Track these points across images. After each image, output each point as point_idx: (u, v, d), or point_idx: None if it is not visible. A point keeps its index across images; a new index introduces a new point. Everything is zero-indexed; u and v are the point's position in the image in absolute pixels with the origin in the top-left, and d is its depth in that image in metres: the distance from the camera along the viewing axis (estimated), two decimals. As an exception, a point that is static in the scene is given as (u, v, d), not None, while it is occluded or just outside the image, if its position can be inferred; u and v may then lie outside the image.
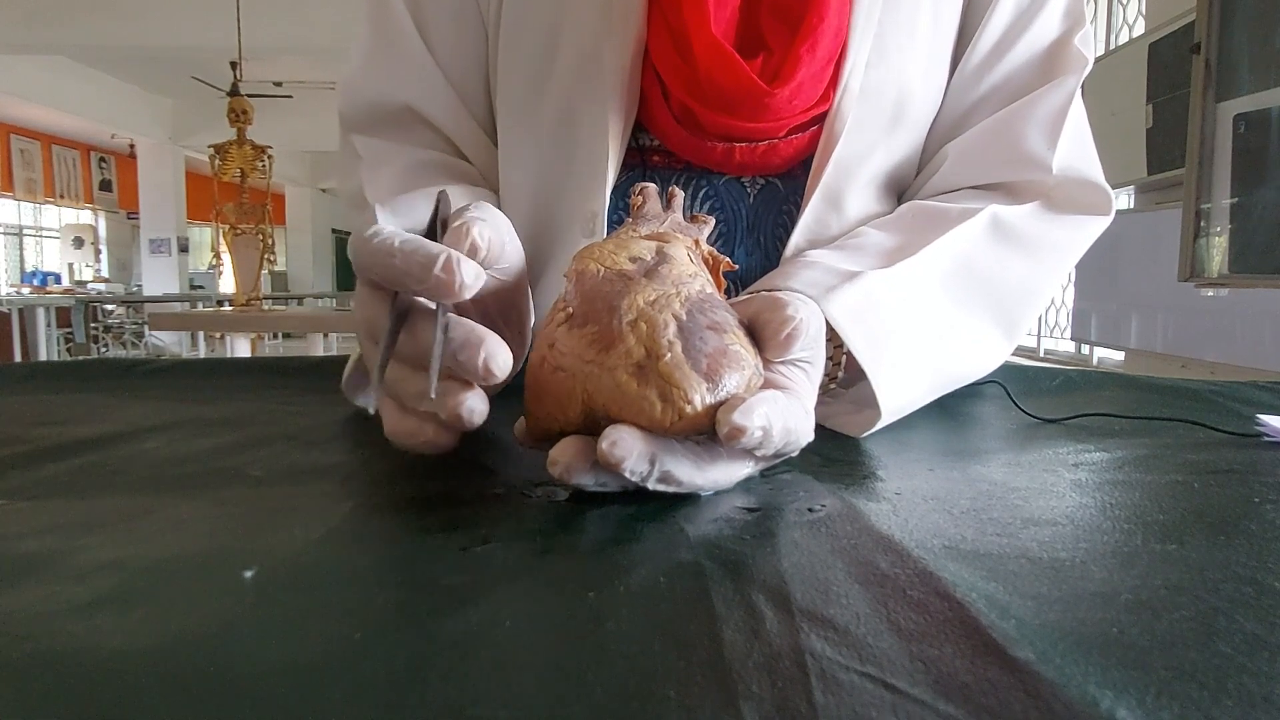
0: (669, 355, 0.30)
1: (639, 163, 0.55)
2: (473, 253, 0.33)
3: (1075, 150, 0.55)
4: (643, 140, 0.55)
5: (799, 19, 0.49)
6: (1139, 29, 3.97)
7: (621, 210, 0.54)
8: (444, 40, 0.58)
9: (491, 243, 0.34)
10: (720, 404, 0.29)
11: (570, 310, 0.33)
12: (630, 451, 0.28)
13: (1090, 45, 0.56)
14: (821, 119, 0.52)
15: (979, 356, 0.51)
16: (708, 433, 0.30)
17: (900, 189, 0.60)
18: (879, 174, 0.56)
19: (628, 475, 0.29)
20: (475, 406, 0.32)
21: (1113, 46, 4.09)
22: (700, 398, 0.29)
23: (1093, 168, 0.56)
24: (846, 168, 0.53)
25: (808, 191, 0.53)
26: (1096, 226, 0.56)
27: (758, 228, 0.56)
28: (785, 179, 0.55)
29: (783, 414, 0.30)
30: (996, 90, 0.57)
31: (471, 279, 0.31)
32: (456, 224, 0.34)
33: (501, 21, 0.56)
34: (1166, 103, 3.37)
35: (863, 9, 0.51)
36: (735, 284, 0.54)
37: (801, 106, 0.50)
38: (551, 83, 0.54)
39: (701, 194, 0.55)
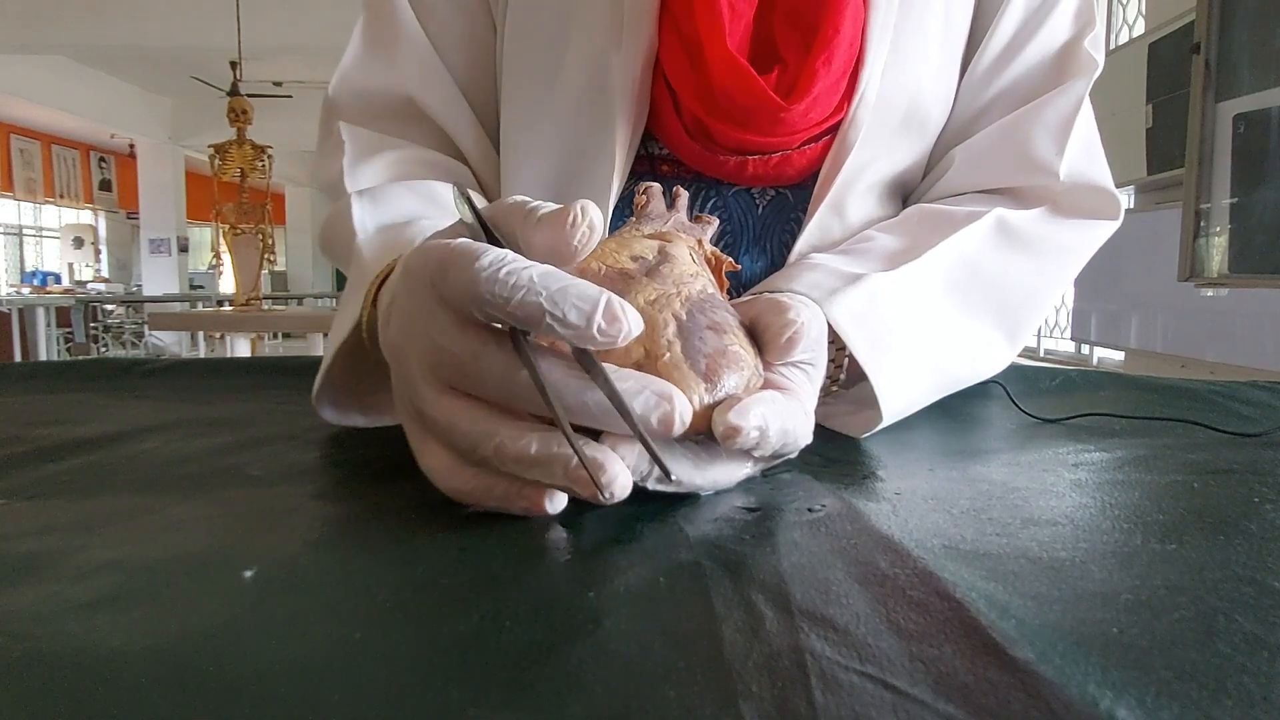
0: (668, 355, 0.30)
1: (648, 171, 0.54)
2: (587, 236, 0.29)
3: (1083, 155, 0.54)
4: (652, 149, 0.54)
5: (814, 30, 0.48)
6: (1139, 29, 3.97)
7: (628, 218, 0.54)
8: (446, 33, 0.56)
9: (596, 229, 0.30)
10: (718, 404, 0.29)
11: None
12: (633, 448, 0.28)
13: (1101, 47, 0.56)
14: (835, 128, 0.51)
15: (981, 360, 0.51)
16: (706, 433, 0.30)
17: (905, 193, 0.60)
18: (884, 179, 0.56)
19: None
20: (623, 480, 0.27)
21: (1113, 46, 4.09)
22: (698, 398, 0.29)
23: (1101, 172, 0.56)
24: (853, 175, 0.53)
25: (815, 200, 0.53)
26: (1103, 231, 0.56)
27: (764, 237, 0.55)
28: (795, 189, 0.55)
29: (780, 414, 0.30)
30: (1005, 94, 0.56)
31: (636, 326, 0.27)
32: (559, 209, 0.30)
33: (507, 22, 0.55)
34: (1166, 103, 3.38)
35: (878, 18, 0.50)
36: (739, 291, 0.54)
37: (816, 119, 0.50)
38: (558, 89, 0.53)
39: (710, 205, 0.54)
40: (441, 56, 0.56)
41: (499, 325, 0.28)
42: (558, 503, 0.29)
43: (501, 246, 0.29)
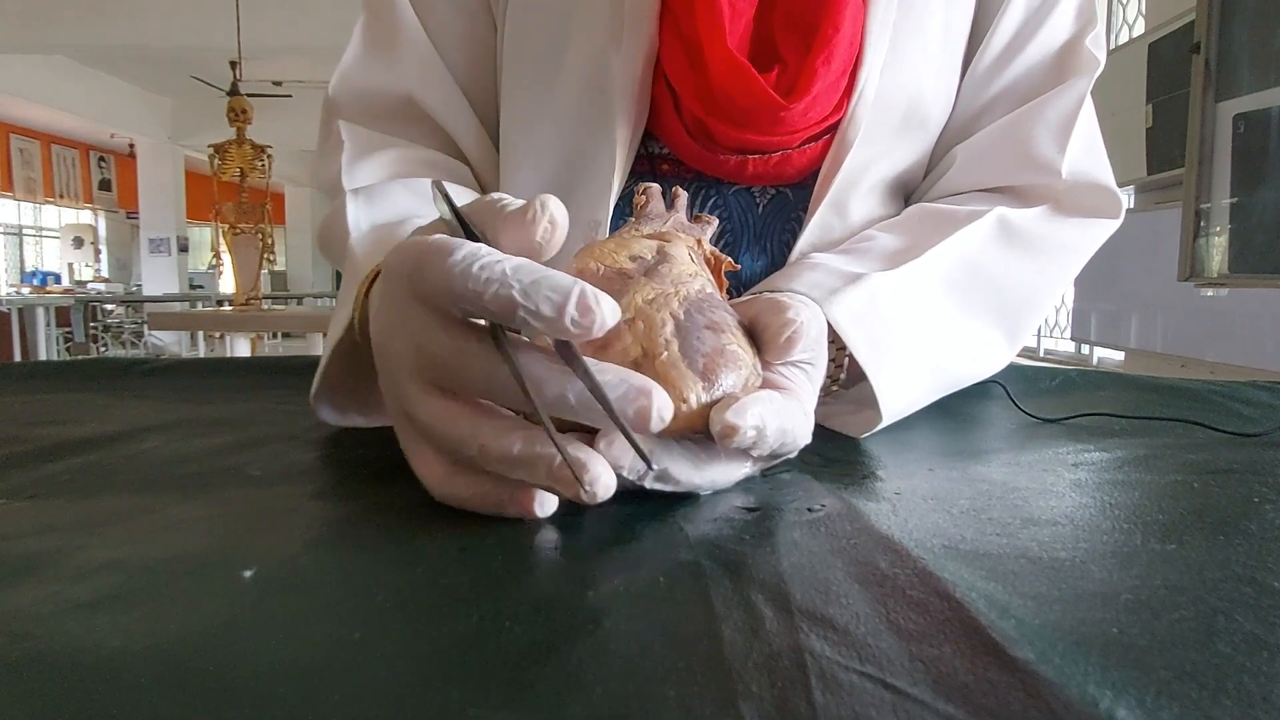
0: (665, 354, 0.30)
1: (648, 170, 0.54)
2: (550, 231, 0.30)
3: (1085, 154, 0.54)
4: (652, 148, 0.54)
5: (813, 29, 0.48)
6: (1139, 29, 3.97)
7: (628, 218, 0.54)
8: (446, 31, 0.56)
9: (559, 223, 0.30)
10: (716, 403, 0.29)
11: None
12: (626, 450, 0.28)
13: (1102, 46, 0.56)
14: (834, 128, 0.51)
15: (981, 360, 0.51)
16: (704, 432, 0.30)
17: (907, 192, 0.60)
18: (885, 178, 0.56)
19: (624, 474, 0.29)
20: (605, 480, 0.27)
21: (1113, 46, 4.09)
22: (696, 396, 0.29)
23: (1103, 171, 0.56)
24: (854, 174, 0.53)
25: (815, 199, 0.53)
26: (1105, 230, 0.56)
27: (764, 236, 0.55)
28: (795, 188, 0.55)
29: (778, 414, 0.30)
30: (1007, 92, 0.56)
31: (611, 316, 0.27)
32: (522, 205, 0.30)
33: (507, 22, 0.55)
34: (1166, 103, 3.38)
35: (878, 16, 0.50)
36: (738, 291, 0.54)
37: (816, 118, 0.50)
38: (559, 89, 0.53)
39: (710, 204, 0.54)
40: (442, 55, 0.56)
41: (479, 321, 0.28)
42: (547, 506, 0.29)
43: (480, 243, 0.29)
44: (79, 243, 9.76)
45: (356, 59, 0.57)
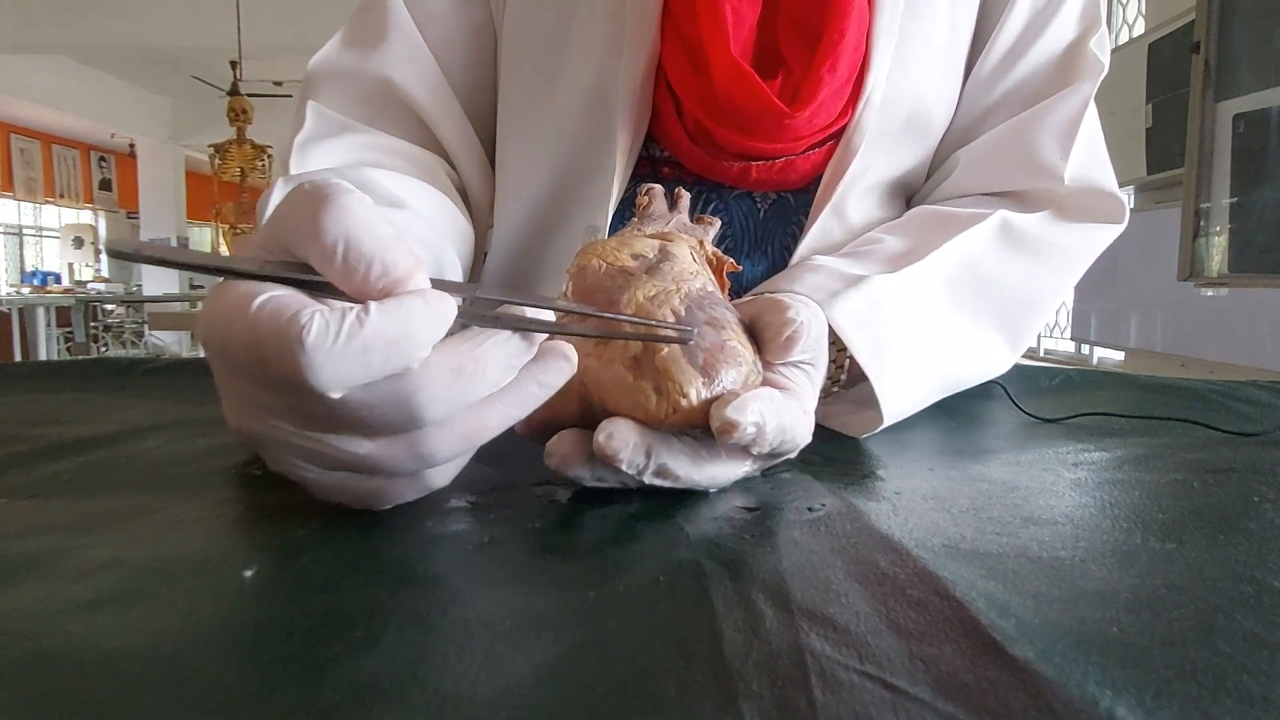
0: (665, 349, 0.30)
1: (649, 173, 0.54)
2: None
3: (1088, 159, 0.54)
4: (653, 151, 0.54)
5: (819, 35, 0.47)
6: (1139, 29, 3.97)
7: (629, 221, 0.54)
8: (439, 22, 0.55)
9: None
10: (716, 399, 0.29)
11: None
12: (625, 443, 0.28)
13: (1106, 48, 0.55)
14: (838, 133, 0.51)
15: (982, 361, 0.51)
16: (703, 427, 0.30)
17: (907, 195, 0.60)
18: (885, 181, 0.56)
19: (623, 467, 0.29)
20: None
21: (1113, 46, 4.08)
22: (696, 391, 0.29)
23: (1106, 175, 0.55)
24: (854, 178, 0.53)
25: (817, 204, 0.53)
26: (1108, 234, 0.56)
27: (765, 240, 0.55)
28: (796, 192, 0.54)
29: (777, 411, 0.30)
30: (1011, 95, 0.56)
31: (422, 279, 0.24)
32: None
33: (507, 22, 0.55)
34: (1166, 102, 3.37)
35: (884, 21, 0.49)
36: (739, 294, 0.54)
37: (821, 124, 0.49)
38: (559, 93, 0.53)
39: (711, 207, 0.54)
40: (431, 47, 0.55)
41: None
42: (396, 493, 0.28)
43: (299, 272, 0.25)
44: (79, 243, 9.74)
45: (342, 40, 0.56)
